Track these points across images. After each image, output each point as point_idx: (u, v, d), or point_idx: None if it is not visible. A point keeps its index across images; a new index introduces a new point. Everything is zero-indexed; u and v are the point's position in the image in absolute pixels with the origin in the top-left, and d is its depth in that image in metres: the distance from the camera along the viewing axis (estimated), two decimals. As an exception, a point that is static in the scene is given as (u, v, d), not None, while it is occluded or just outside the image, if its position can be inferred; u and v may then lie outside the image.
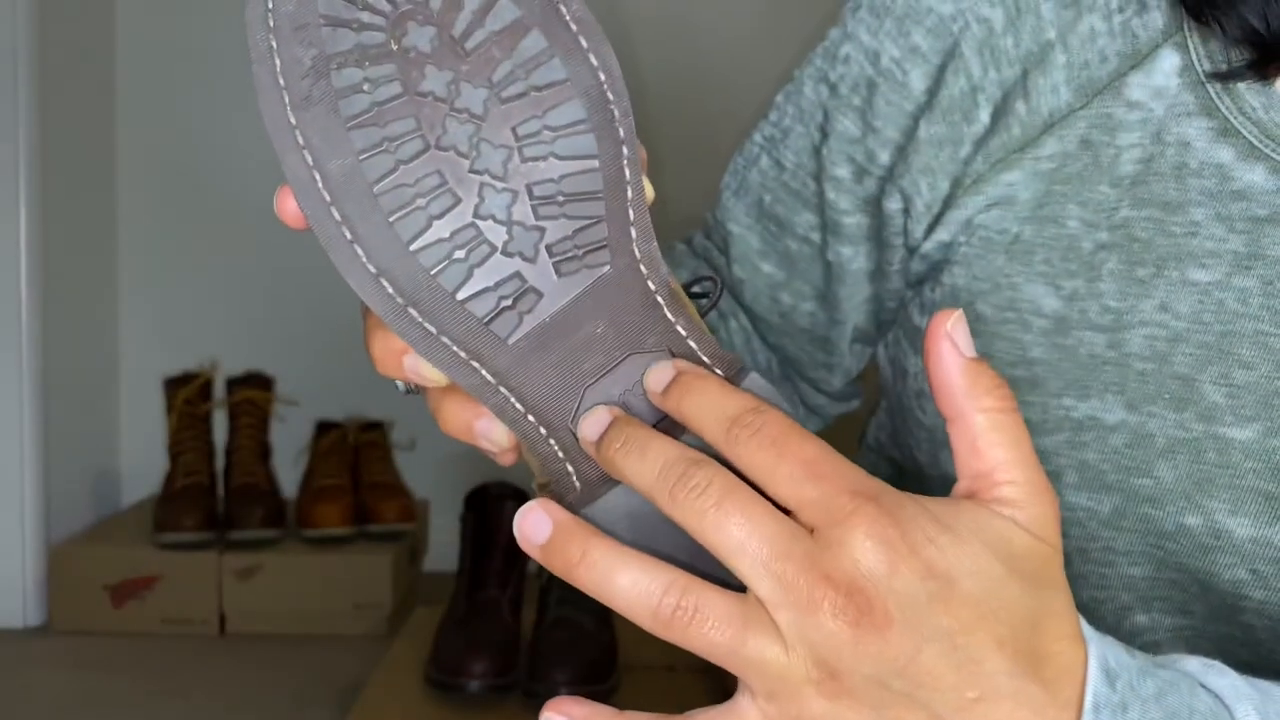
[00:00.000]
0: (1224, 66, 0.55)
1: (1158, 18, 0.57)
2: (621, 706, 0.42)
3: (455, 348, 0.42)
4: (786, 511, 0.38)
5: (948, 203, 0.60)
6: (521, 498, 1.78)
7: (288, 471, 2.23)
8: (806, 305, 0.68)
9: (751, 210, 0.68)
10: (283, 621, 1.99)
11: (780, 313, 0.69)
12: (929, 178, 0.60)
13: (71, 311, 2.14)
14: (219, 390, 2.25)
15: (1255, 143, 0.55)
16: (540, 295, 0.43)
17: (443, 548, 2.18)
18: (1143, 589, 0.59)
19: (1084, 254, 0.57)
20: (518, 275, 0.42)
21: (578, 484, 0.42)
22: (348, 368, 2.31)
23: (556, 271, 0.43)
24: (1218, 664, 0.44)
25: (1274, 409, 0.55)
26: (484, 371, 0.43)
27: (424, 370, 0.44)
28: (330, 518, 2.04)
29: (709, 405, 0.39)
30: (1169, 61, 0.56)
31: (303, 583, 2.00)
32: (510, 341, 0.42)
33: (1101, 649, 0.40)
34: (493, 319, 0.42)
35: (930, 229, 0.61)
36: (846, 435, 0.75)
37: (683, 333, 0.43)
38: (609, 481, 0.42)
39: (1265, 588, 0.56)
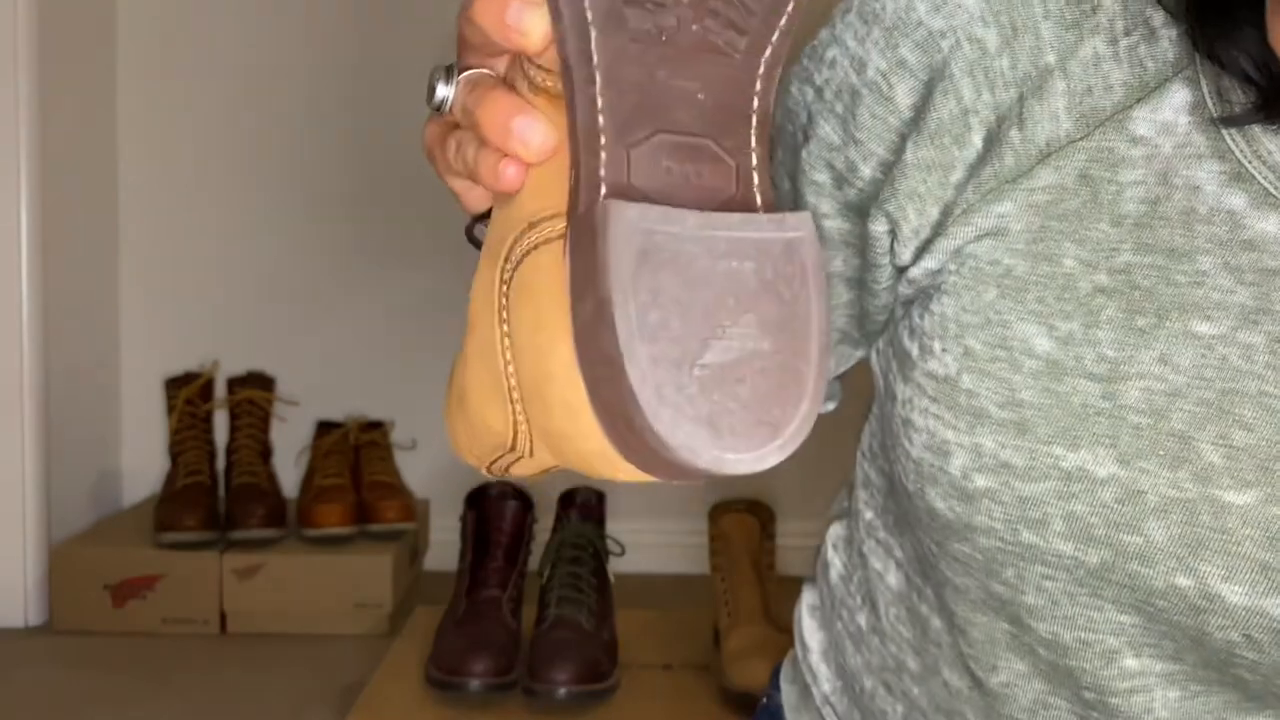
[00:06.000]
0: (1237, 107, 0.51)
1: (1168, 48, 0.53)
2: (621, 706, 0.42)
3: (589, 5, 0.42)
4: None
5: (937, 229, 0.57)
6: (521, 497, 1.78)
7: (288, 471, 2.23)
8: None
9: None
10: (283, 621, 1.99)
11: None
12: (917, 203, 0.57)
13: (72, 312, 2.14)
14: (219, 390, 2.25)
15: (1270, 190, 0.52)
16: (677, 26, 0.43)
17: (443, 548, 2.18)
18: (1133, 635, 0.57)
19: (1080, 295, 0.55)
20: None
21: (603, 188, 0.42)
22: (348, 368, 2.31)
23: (700, 19, 0.43)
24: None
25: (1275, 474, 0.52)
26: (594, 42, 0.42)
27: (526, 21, 0.43)
28: (331, 517, 2.04)
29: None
30: (1179, 97, 0.53)
31: (303, 583, 2.00)
32: (629, 30, 0.42)
33: None
34: (631, 5, 0.43)
35: (918, 255, 0.58)
36: (849, 440, 0.75)
37: (754, 158, 0.44)
38: (632, 197, 0.42)
39: (1259, 651, 0.54)
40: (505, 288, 0.46)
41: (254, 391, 2.22)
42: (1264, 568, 0.53)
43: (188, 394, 2.18)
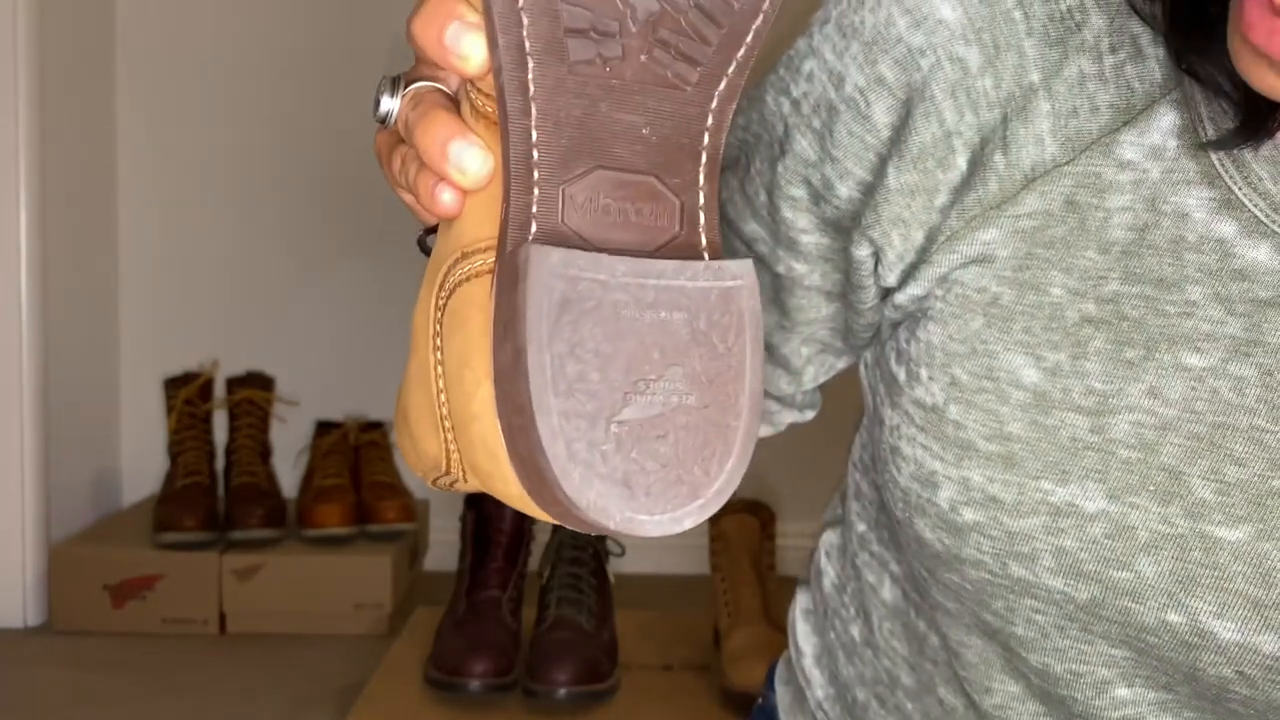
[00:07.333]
0: (1224, 131, 0.50)
1: (1155, 69, 0.52)
2: (621, 707, 0.42)
3: (527, 34, 0.40)
4: None
5: (922, 255, 0.56)
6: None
7: (288, 471, 2.23)
8: None
9: None
10: (283, 621, 1.99)
11: None
12: (901, 229, 0.56)
13: (72, 312, 2.14)
14: (219, 390, 2.25)
15: (1261, 218, 0.50)
16: (622, 57, 0.41)
17: (443, 548, 2.18)
18: (1125, 667, 0.56)
19: (1068, 325, 0.53)
20: (619, 23, 0.41)
21: (533, 227, 0.40)
22: (348, 368, 2.31)
23: (648, 50, 0.41)
24: None
25: (1267, 510, 0.51)
26: (531, 72, 0.40)
27: (465, 44, 0.41)
28: (330, 518, 2.04)
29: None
30: (1167, 120, 0.52)
31: (303, 583, 2.00)
32: (570, 61, 0.40)
33: None
34: (573, 35, 0.40)
35: (904, 280, 0.57)
36: (849, 441, 0.75)
37: (701, 197, 0.42)
38: (566, 238, 0.40)
39: (1251, 687, 0.53)
40: (440, 314, 0.44)
41: (253, 391, 2.22)
42: (1256, 604, 0.52)
43: (187, 394, 2.18)
